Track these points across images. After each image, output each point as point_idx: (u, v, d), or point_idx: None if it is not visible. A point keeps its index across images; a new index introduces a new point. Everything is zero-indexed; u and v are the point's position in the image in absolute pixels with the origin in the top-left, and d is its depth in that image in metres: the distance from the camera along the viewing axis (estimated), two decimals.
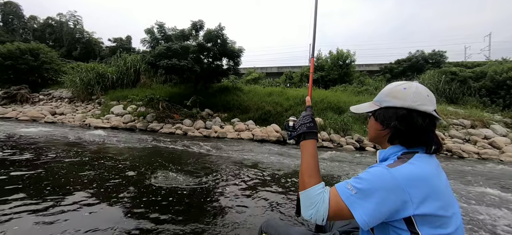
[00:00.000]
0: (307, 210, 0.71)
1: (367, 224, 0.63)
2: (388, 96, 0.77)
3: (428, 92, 0.75)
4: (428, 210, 0.61)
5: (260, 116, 9.50)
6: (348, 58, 16.85)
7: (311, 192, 0.72)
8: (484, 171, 4.94)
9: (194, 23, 10.54)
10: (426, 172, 0.65)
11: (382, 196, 0.62)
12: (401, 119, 0.72)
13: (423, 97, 0.72)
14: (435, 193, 0.63)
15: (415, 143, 0.72)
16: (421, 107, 0.71)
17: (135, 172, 3.38)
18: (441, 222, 0.62)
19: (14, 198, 2.24)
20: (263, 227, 1.18)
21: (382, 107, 0.78)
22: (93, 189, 2.62)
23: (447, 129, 8.53)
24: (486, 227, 2.24)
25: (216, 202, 2.46)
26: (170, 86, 13.01)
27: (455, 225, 0.64)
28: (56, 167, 3.39)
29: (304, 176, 0.76)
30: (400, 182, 0.61)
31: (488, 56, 25.28)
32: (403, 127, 0.71)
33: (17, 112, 10.66)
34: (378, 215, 0.62)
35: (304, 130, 0.83)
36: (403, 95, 0.74)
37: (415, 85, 0.75)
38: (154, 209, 2.19)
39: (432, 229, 0.61)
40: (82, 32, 21.40)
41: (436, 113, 0.73)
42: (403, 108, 0.72)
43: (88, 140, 5.92)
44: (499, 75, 11.53)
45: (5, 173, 2.96)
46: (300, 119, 0.87)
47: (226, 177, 3.42)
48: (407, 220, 0.62)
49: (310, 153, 0.80)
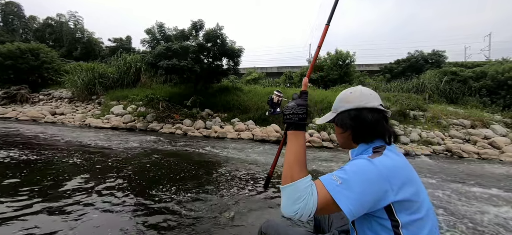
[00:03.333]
0: (293, 204, 0.68)
1: (353, 213, 0.66)
2: (341, 102, 0.88)
3: (371, 92, 0.86)
4: (405, 195, 0.67)
5: (260, 116, 9.49)
6: (347, 58, 16.85)
7: (299, 185, 0.70)
8: (484, 171, 4.93)
9: (194, 23, 10.54)
10: (400, 162, 0.73)
11: (366, 185, 0.66)
12: (354, 118, 0.82)
13: (367, 96, 0.84)
14: (409, 180, 0.70)
15: (373, 136, 0.81)
16: (367, 104, 0.82)
17: (135, 172, 3.38)
18: (415, 207, 0.69)
19: (14, 198, 2.24)
20: (262, 228, 1.18)
21: (338, 113, 0.88)
22: (93, 189, 2.61)
23: (447, 129, 8.53)
24: (486, 227, 2.24)
25: (215, 202, 2.46)
26: (170, 86, 13.01)
27: (426, 209, 0.71)
28: (56, 167, 3.39)
29: (293, 168, 0.74)
30: (381, 171, 0.67)
31: (488, 56, 25.30)
32: (358, 124, 0.82)
33: (17, 112, 10.66)
34: (363, 204, 0.66)
35: (296, 120, 0.80)
36: (351, 98, 0.85)
37: (359, 88, 0.87)
38: (153, 209, 2.19)
39: (408, 215, 0.68)
40: (83, 32, 21.40)
41: (383, 106, 0.84)
42: (353, 108, 0.83)
43: (88, 140, 5.92)
44: (500, 75, 11.53)
45: (5, 173, 2.96)
46: (294, 107, 0.81)
47: (225, 177, 3.41)
48: (387, 208, 0.68)
49: (300, 144, 0.78)
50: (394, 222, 0.68)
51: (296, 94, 0.85)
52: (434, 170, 4.76)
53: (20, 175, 2.94)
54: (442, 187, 3.45)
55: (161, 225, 1.92)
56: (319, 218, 1.32)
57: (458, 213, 2.52)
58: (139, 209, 2.20)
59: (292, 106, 0.82)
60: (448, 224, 2.26)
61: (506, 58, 15.97)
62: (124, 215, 2.06)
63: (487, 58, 22.30)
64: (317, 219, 1.33)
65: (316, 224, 1.34)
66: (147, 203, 2.32)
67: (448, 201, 2.89)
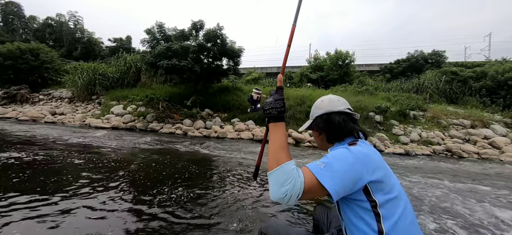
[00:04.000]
0: (282, 186, 0.74)
1: (337, 192, 0.74)
2: (315, 109, 1.04)
3: (339, 98, 1.02)
4: (378, 176, 0.79)
5: (260, 116, 9.49)
6: (347, 58, 16.85)
7: (286, 167, 0.77)
8: (483, 171, 4.94)
9: (194, 23, 10.53)
10: (372, 151, 0.86)
11: (346, 167, 0.77)
12: (326, 121, 0.98)
13: (335, 102, 1.00)
14: (379, 166, 0.82)
15: (343, 134, 0.95)
16: (335, 108, 0.98)
17: (135, 172, 3.38)
18: (388, 188, 0.80)
19: (14, 198, 2.24)
20: (262, 228, 1.19)
21: (314, 119, 1.03)
22: (92, 189, 2.62)
23: (447, 129, 8.53)
24: (486, 227, 2.24)
25: (215, 203, 2.46)
26: (170, 86, 13.00)
27: (398, 190, 0.82)
28: (56, 167, 3.39)
29: (278, 153, 0.82)
30: (358, 156, 0.79)
31: (488, 56, 25.30)
32: (329, 126, 0.96)
33: (17, 112, 10.65)
34: (345, 184, 0.75)
35: (275, 113, 0.88)
36: (323, 105, 1.01)
37: (329, 96, 1.04)
38: (153, 209, 2.20)
39: (383, 195, 0.79)
40: (83, 32, 21.39)
41: (350, 110, 0.99)
42: (324, 113, 0.99)
43: (88, 140, 5.93)
44: (500, 75, 11.53)
45: (5, 173, 2.96)
46: (272, 102, 0.89)
47: (225, 177, 3.42)
48: (365, 190, 0.79)
49: (282, 133, 0.87)
50: (372, 202, 0.78)
51: (273, 90, 0.92)
52: (434, 170, 4.76)
53: (20, 175, 2.94)
54: (442, 187, 3.45)
55: (161, 225, 1.93)
56: (318, 219, 1.34)
57: (458, 213, 2.52)
58: (139, 209, 2.20)
59: (271, 101, 0.90)
60: (448, 224, 2.26)
61: (506, 58, 15.98)
62: (124, 215, 2.06)
63: (487, 58, 22.30)
64: (316, 219, 1.36)
65: (315, 224, 1.36)
66: (147, 203, 2.32)
67: (448, 201, 2.89)
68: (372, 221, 0.78)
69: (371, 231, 0.77)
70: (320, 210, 1.35)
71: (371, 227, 0.77)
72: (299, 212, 2.30)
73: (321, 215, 1.33)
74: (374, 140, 7.73)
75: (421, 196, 3.01)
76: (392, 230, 0.76)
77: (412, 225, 0.80)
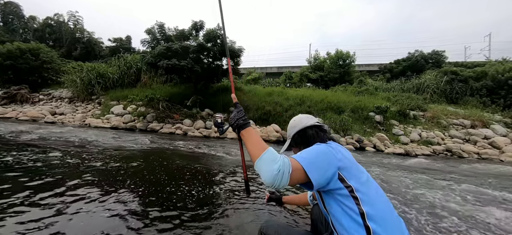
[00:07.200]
0: (273, 163, 0.81)
1: (318, 182, 0.86)
2: (291, 129, 1.23)
3: (308, 116, 1.22)
4: (346, 164, 0.92)
5: (260, 116, 9.50)
6: (347, 58, 16.86)
7: (272, 149, 0.86)
8: (484, 171, 4.93)
9: (195, 23, 10.54)
10: (339, 146, 1.01)
11: (323, 157, 0.90)
12: (302, 136, 1.16)
13: (306, 118, 1.20)
14: (346, 156, 0.97)
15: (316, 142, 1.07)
16: (308, 123, 1.16)
17: (135, 172, 3.38)
18: (358, 174, 0.93)
19: (14, 198, 2.24)
20: (263, 228, 1.19)
21: (292, 137, 1.21)
22: (91, 190, 2.61)
23: (447, 129, 8.53)
24: (486, 227, 2.24)
25: (215, 203, 2.46)
26: (170, 86, 13.01)
27: (366, 175, 0.97)
28: (56, 167, 3.39)
29: (259, 144, 0.89)
30: (332, 148, 0.95)
31: (488, 56, 25.33)
32: (306, 139, 1.14)
33: (17, 112, 10.65)
34: (324, 174, 0.87)
35: (241, 122, 1.01)
36: (296, 123, 1.21)
37: (299, 116, 1.24)
38: (153, 210, 2.19)
39: (356, 180, 0.90)
40: (83, 32, 21.39)
41: (318, 122, 1.18)
42: (300, 130, 1.17)
43: (88, 140, 5.92)
44: (500, 75, 11.53)
45: (5, 173, 2.96)
46: (235, 115, 1.04)
47: (225, 177, 3.41)
48: (340, 178, 0.90)
49: (254, 133, 0.97)
50: (349, 188, 0.88)
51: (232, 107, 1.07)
52: (434, 170, 4.76)
53: (20, 175, 2.94)
54: (442, 187, 3.45)
55: (161, 225, 1.92)
56: (315, 219, 1.35)
57: (458, 213, 2.52)
58: (139, 209, 2.20)
59: (234, 115, 1.04)
60: (448, 224, 2.26)
61: (506, 58, 15.99)
62: (124, 215, 2.06)
63: (487, 58, 22.31)
64: (314, 220, 1.37)
65: (313, 224, 1.37)
66: (146, 203, 2.32)
67: (448, 201, 2.89)
68: (353, 205, 0.87)
69: (354, 214, 0.86)
70: (318, 210, 1.36)
71: (353, 210, 0.87)
72: (299, 213, 2.30)
73: (318, 215, 1.34)
74: (374, 140, 7.72)
75: (421, 196, 3.01)
76: (372, 210, 0.86)
77: (386, 203, 0.92)
